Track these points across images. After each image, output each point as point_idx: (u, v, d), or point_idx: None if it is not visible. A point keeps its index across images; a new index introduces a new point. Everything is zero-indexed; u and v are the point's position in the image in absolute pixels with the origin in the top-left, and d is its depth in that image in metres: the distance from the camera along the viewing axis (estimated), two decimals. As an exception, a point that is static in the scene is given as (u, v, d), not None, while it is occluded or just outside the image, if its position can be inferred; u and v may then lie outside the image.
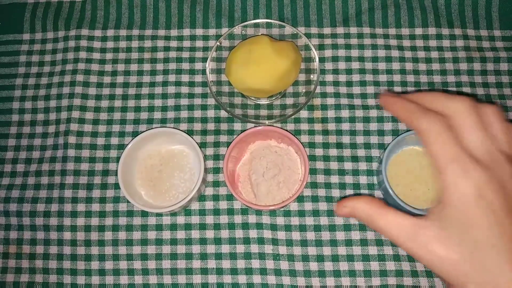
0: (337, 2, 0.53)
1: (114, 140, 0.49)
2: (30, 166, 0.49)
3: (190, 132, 0.49)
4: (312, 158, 0.48)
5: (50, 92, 0.51)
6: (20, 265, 0.46)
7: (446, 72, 0.51)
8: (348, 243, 0.45)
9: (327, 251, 0.45)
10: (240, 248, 0.46)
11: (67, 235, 0.47)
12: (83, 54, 0.52)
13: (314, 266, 0.45)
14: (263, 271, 0.45)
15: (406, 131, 0.46)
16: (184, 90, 0.51)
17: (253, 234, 0.46)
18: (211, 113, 0.50)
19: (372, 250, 0.45)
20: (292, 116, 0.48)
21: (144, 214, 0.47)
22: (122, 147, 0.49)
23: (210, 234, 0.46)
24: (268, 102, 0.50)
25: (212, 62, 0.48)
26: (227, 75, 0.46)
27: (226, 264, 0.45)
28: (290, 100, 0.50)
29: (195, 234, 0.46)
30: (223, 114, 0.50)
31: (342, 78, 0.51)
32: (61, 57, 0.52)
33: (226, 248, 0.46)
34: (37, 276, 0.46)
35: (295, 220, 0.46)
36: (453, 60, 0.51)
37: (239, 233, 0.46)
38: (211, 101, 0.50)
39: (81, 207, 0.47)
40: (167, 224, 0.47)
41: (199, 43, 0.53)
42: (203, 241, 0.46)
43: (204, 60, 0.52)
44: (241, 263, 0.45)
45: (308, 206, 0.47)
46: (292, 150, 0.46)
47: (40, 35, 0.54)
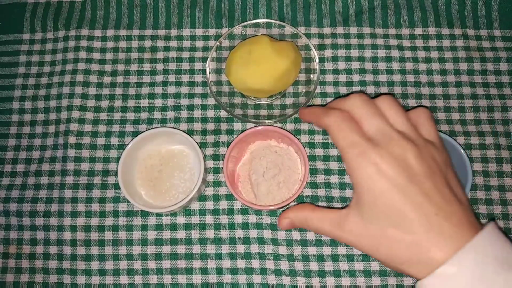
0: (337, 2, 0.53)
1: (114, 140, 0.50)
2: (30, 166, 0.49)
3: (190, 132, 0.49)
4: (312, 158, 0.48)
5: (50, 92, 0.51)
6: (20, 265, 0.47)
7: (446, 72, 0.51)
8: (348, 243, 0.45)
9: (327, 251, 0.45)
10: (240, 248, 0.46)
11: (67, 235, 0.47)
12: (83, 54, 0.52)
13: (314, 266, 0.45)
14: (263, 271, 0.45)
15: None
16: (184, 90, 0.51)
17: (253, 234, 0.46)
18: (211, 113, 0.50)
19: (372, 250, 0.45)
20: (292, 116, 0.48)
21: (144, 214, 0.47)
22: (122, 147, 0.49)
23: (210, 234, 0.46)
24: (268, 102, 0.50)
25: (212, 62, 0.48)
26: (227, 75, 0.46)
27: (226, 264, 0.45)
28: (290, 100, 0.50)
29: (195, 234, 0.46)
30: (223, 114, 0.50)
31: (342, 78, 0.51)
32: (61, 57, 0.52)
33: (226, 248, 0.46)
34: (37, 276, 0.46)
35: (295, 220, 0.46)
36: (453, 60, 0.51)
37: (239, 233, 0.46)
38: (211, 101, 0.50)
39: (81, 207, 0.47)
40: (167, 224, 0.47)
41: (199, 43, 0.53)
42: (203, 241, 0.46)
43: (204, 60, 0.52)
44: (241, 263, 0.45)
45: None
46: (292, 150, 0.46)
47: (40, 35, 0.54)
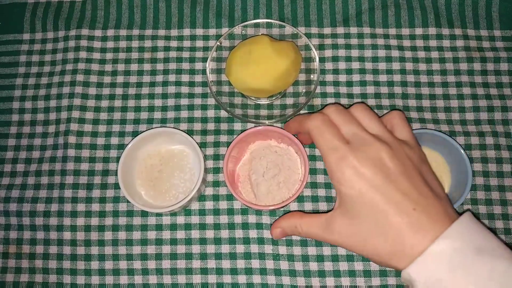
0: (337, 2, 0.53)
1: (114, 140, 0.49)
2: (30, 166, 0.49)
3: (190, 132, 0.49)
4: (312, 158, 0.48)
5: (50, 92, 0.51)
6: (20, 265, 0.47)
7: (446, 72, 0.51)
8: (348, 243, 0.45)
9: (327, 251, 0.45)
10: (240, 248, 0.46)
11: (67, 235, 0.47)
12: (83, 54, 0.52)
13: (314, 266, 0.45)
14: (263, 271, 0.45)
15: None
16: (184, 90, 0.51)
17: (253, 234, 0.46)
18: (211, 113, 0.50)
19: (372, 250, 0.45)
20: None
21: (144, 214, 0.47)
22: (122, 147, 0.49)
23: (210, 234, 0.46)
24: (268, 102, 0.50)
25: (212, 62, 0.48)
26: (227, 75, 0.46)
27: (226, 264, 0.45)
28: (290, 100, 0.50)
29: (195, 234, 0.46)
30: (223, 114, 0.50)
31: (342, 78, 0.51)
32: (61, 57, 0.52)
33: (226, 248, 0.46)
34: (37, 276, 0.46)
35: (295, 220, 0.46)
36: (453, 60, 0.51)
37: (239, 233, 0.46)
38: (211, 101, 0.50)
39: (81, 207, 0.47)
40: (167, 224, 0.47)
41: (199, 43, 0.53)
42: (203, 241, 0.46)
43: (204, 60, 0.52)
44: (241, 263, 0.45)
45: (308, 206, 0.47)
46: (292, 150, 0.46)
47: (40, 35, 0.54)
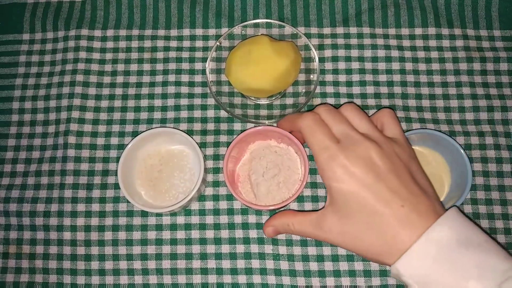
0: (337, 2, 0.53)
1: (114, 140, 0.50)
2: (30, 166, 0.49)
3: (190, 132, 0.49)
4: (312, 158, 0.48)
5: (50, 92, 0.51)
6: (20, 265, 0.47)
7: (446, 72, 0.51)
8: (348, 243, 0.45)
9: (327, 251, 0.45)
10: (240, 248, 0.46)
11: (67, 235, 0.47)
12: (83, 54, 0.52)
13: (314, 266, 0.45)
14: (263, 271, 0.45)
15: (406, 131, 0.46)
16: (184, 90, 0.51)
17: (253, 234, 0.46)
18: (211, 113, 0.50)
19: (372, 250, 0.45)
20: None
21: (144, 214, 0.47)
22: (122, 147, 0.49)
23: (210, 234, 0.46)
24: (268, 102, 0.50)
25: (212, 62, 0.48)
26: (227, 75, 0.46)
27: (226, 264, 0.45)
28: (290, 100, 0.50)
29: (195, 234, 0.46)
30: (223, 114, 0.50)
31: (342, 78, 0.51)
32: (61, 57, 0.52)
33: (226, 248, 0.46)
34: (37, 276, 0.46)
35: (295, 220, 0.46)
36: (453, 60, 0.51)
37: (239, 233, 0.46)
38: (211, 101, 0.50)
39: (81, 207, 0.47)
40: (167, 224, 0.47)
41: (199, 43, 0.53)
42: (203, 241, 0.46)
43: (204, 60, 0.52)
44: (241, 263, 0.45)
45: (308, 206, 0.47)
46: (292, 150, 0.46)
47: (40, 35, 0.54)
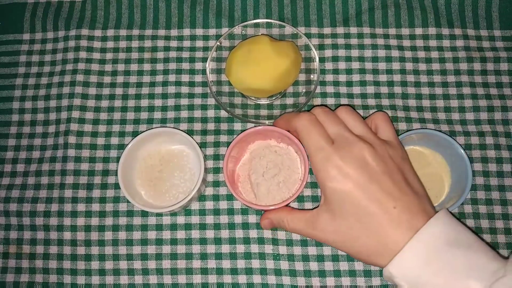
0: (337, 2, 0.53)
1: (114, 140, 0.50)
2: (30, 166, 0.49)
3: (190, 132, 0.49)
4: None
5: (50, 92, 0.51)
6: (20, 265, 0.47)
7: (446, 72, 0.51)
8: (348, 243, 0.45)
9: (327, 251, 0.45)
10: (240, 248, 0.46)
11: (67, 235, 0.47)
12: (83, 54, 0.52)
13: (314, 266, 0.45)
14: (263, 271, 0.45)
15: (406, 131, 0.46)
16: (184, 90, 0.51)
17: (253, 234, 0.46)
18: (211, 113, 0.50)
19: (372, 250, 0.45)
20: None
21: (144, 214, 0.47)
22: (122, 147, 0.49)
23: (210, 234, 0.46)
24: (268, 102, 0.50)
25: (212, 62, 0.48)
26: (227, 75, 0.46)
27: (226, 264, 0.45)
28: (290, 100, 0.50)
29: (195, 234, 0.46)
30: (223, 114, 0.50)
31: (342, 78, 0.51)
32: (61, 57, 0.52)
33: (226, 248, 0.46)
34: (37, 276, 0.46)
35: (295, 220, 0.46)
36: (453, 60, 0.51)
37: (239, 233, 0.46)
38: (211, 101, 0.50)
39: (81, 207, 0.47)
40: (167, 224, 0.47)
41: (199, 43, 0.53)
42: (203, 241, 0.46)
43: (204, 60, 0.52)
44: (241, 263, 0.45)
45: (308, 206, 0.47)
46: (292, 150, 0.46)
47: (40, 35, 0.54)
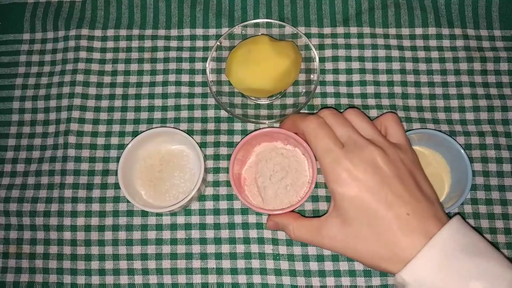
0: (337, 2, 0.53)
1: (114, 140, 0.50)
2: (30, 166, 0.49)
3: (190, 132, 0.49)
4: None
5: (50, 92, 0.51)
6: (20, 265, 0.47)
7: (446, 72, 0.51)
8: (348, 243, 0.45)
9: (327, 251, 0.45)
10: (240, 248, 0.46)
11: (67, 235, 0.47)
12: (83, 54, 0.52)
13: (314, 266, 0.45)
14: (263, 271, 0.45)
15: (406, 131, 0.46)
16: (184, 90, 0.51)
17: (253, 234, 0.46)
18: (211, 113, 0.50)
19: (372, 250, 0.45)
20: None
21: (144, 214, 0.47)
22: (122, 147, 0.49)
23: (210, 234, 0.46)
24: (268, 102, 0.50)
25: (212, 62, 0.48)
26: (227, 75, 0.46)
27: (226, 264, 0.45)
28: (290, 100, 0.50)
29: (195, 234, 0.46)
30: (223, 114, 0.50)
31: (342, 78, 0.51)
32: (61, 57, 0.52)
33: (226, 248, 0.46)
34: (37, 276, 0.46)
35: (295, 220, 0.46)
36: (453, 60, 0.51)
37: (239, 233, 0.46)
38: (211, 101, 0.50)
39: (81, 207, 0.47)
40: (167, 224, 0.47)
41: (199, 43, 0.53)
42: (203, 241, 0.46)
43: (204, 60, 0.52)
44: (241, 263, 0.45)
45: (308, 206, 0.47)
46: (299, 152, 0.45)
47: (40, 35, 0.54)
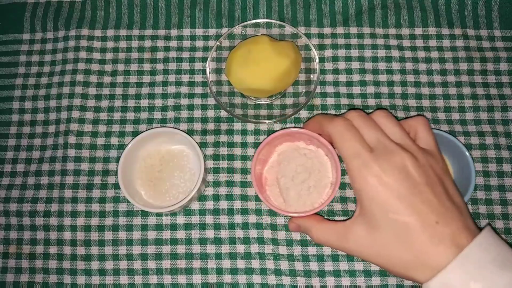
0: (337, 2, 0.53)
1: (114, 140, 0.50)
2: (30, 166, 0.49)
3: (190, 132, 0.49)
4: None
5: (50, 92, 0.51)
6: (20, 265, 0.47)
7: (446, 72, 0.51)
8: (348, 243, 0.45)
9: (327, 251, 0.45)
10: (240, 248, 0.46)
11: (67, 235, 0.47)
12: (83, 54, 0.52)
13: (314, 266, 0.45)
14: (263, 271, 0.45)
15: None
16: (184, 90, 0.51)
17: (253, 234, 0.46)
18: (211, 113, 0.50)
19: (372, 250, 0.45)
20: (292, 116, 0.48)
21: (144, 214, 0.47)
22: (122, 147, 0.49)
23: (210, 234, 0.46)
24: (268, 102, 0.50)
25: (212, 62, 0.48)
26: (227, 75, 0.46)
27: (226, 264, 0.45)
28: (290, 100, 0.50)
29: (195, 234, 0.46)
30: (223, 114, 0.50)
31: (342, 78, 0.51)
32: (61, 57, 0.52)
33: (226, 248, 0.46)
34: (37, 276, 0.46)
35: (295, 220, 0.46)
36: (453, 60, 0.51)
37: (239, 233, 0.46)
38: (211, 101, 0.50)
39: (81, 207, 0.47)
40: (167, 224, 0.47)
41: (199, 43, 0.53)
42: (203, 241, 0.46)
43: (204, 60, 0.52)
44: (241, 263, 0.45)
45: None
46: (322, 152, 0.44)
47: (40, 35, 0.54)
